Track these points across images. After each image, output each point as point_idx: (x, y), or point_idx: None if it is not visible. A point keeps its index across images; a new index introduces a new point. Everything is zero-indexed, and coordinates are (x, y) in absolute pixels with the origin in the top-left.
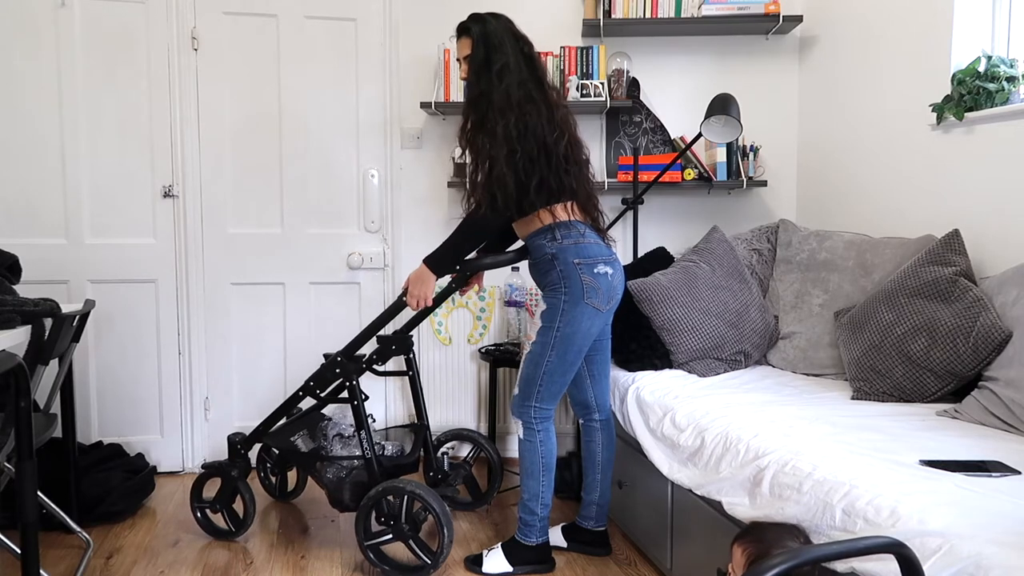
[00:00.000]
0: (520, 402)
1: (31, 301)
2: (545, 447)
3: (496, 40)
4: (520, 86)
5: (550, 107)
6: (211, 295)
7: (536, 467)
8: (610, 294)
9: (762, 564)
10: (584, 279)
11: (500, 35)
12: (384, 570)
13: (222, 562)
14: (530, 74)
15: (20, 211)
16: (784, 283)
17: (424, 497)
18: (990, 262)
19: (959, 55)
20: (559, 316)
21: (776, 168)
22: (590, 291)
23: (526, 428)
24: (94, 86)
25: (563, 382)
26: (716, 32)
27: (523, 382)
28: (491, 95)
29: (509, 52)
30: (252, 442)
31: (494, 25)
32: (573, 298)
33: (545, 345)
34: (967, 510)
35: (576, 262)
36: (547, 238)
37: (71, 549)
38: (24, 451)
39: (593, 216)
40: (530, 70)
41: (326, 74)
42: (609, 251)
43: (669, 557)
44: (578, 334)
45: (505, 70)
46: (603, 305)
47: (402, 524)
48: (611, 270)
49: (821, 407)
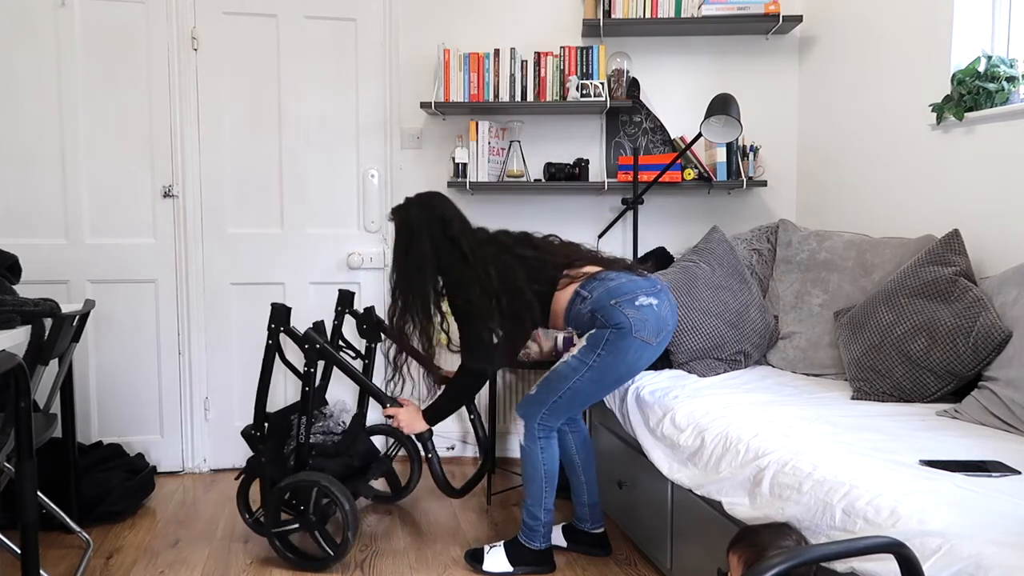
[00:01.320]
0: (529, 404)
1: (31, 301)
2: (546, 455)
3: (415, 230)
4: (455, 263)
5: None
6: (211, 295)
7: (538, 474)
8: (659, 326)
9: (762, 564)
10: (628, 313)
11: (418, 225)
12: (288, 558)
13: (222, 562)
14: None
15: (20, 211)
16: (784, 283)
17: (331, 490)
18: (990, 262)
19: (959, 55)
20: (603, 343)
21: (776, 168)
22: (638, 324)
23: (528, 434)
24: (94, 86)
25: (582, 404)
26: (716, 32)
27: (543, 389)
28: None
29: (426, 240)
30: (260, 421)
31: (415, 214)
32: (622, 331)
33: (582, 364)
34: (967, 510)
35: (613, 303)
36: (580, 302)
37: (71, 549)
38: (24, 451)
39: (619, 263)
40: (454, 245)
41: (326, 74)
42: (650, 283)
43: (669, 557)
44: (620, 365)
45: (426, 257)
46: (653, 338)
47: (309, 515)
48: (656, 300)
49: (821, 407)
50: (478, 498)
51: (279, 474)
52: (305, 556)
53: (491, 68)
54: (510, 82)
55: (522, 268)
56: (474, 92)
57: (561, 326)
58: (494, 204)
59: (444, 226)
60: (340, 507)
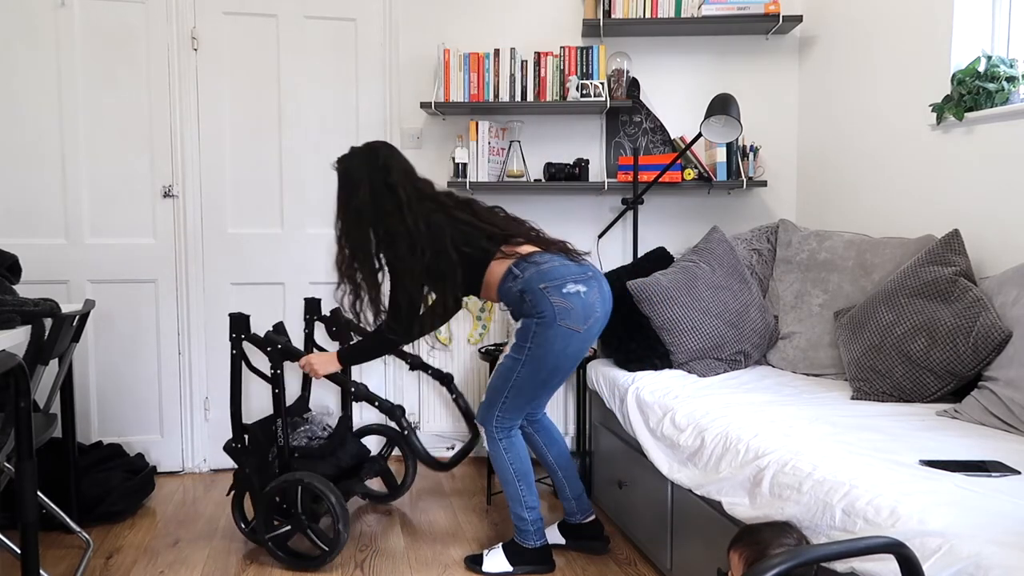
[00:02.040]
0: (484, 410)
1: (31, 301)
2: (511, 454)
3: (355, 178)
4: (389, 214)
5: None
6: (211, 295)
7: (508, 474)
8: (586, 313)
9: (762, 563)
10: (554, 300)
11: (359, 174)
12: (286, 561)
13: (222, 562)
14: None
15: (20, 211)
16: (784, 283)
17: (314, 485)
18: (990, 262)
19: (959, 55)
20: (531, 337)
21: (776, 168)
22: (562, 312)
23: (489, 438)
24: (94, 86)
25: (529, 398)
26: (716, 32)
27: (490, 391)
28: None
29: (365, 188)
30: (238, 432)
31: (356, 163)
32: (545, 321)
33: (516, 361)
34: (967, 510)
35: (542, 287)
36: (511, 279)
37: (71, 549)
38: (24, 451)
39: (556, 245)
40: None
41: (326, 74)
42: (581, 269)
43: (669, 557)
44: (550, 354)
45: (364, 206)
46: (579, 325)
47: (299, 515)
48: (584, 288)
49: (821, 407)
50: (478, 498)
51: (265, 481)
52: (301, 557)
53: (491, 68)
54: (510, 82)
55: (454, 230)
56: (474, 92)
57: (494, 298)
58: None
59: (385, 174)
60: (327, 501)
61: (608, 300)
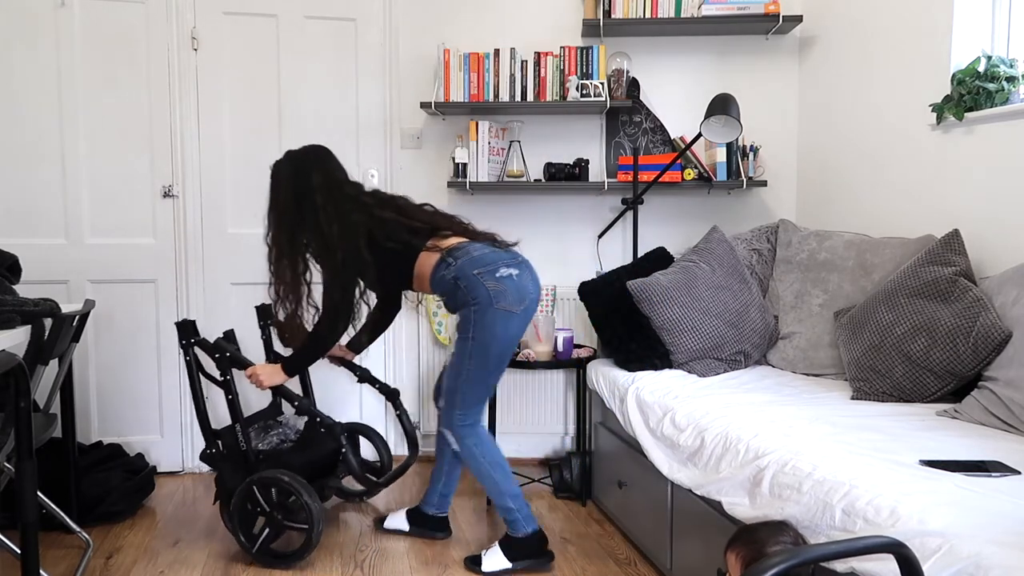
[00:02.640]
0: (446, 414)
1: (31, 301)
2: (480, 448)
3: (281, 182)
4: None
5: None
6: (211, 295)
7: (483, 468)
8: (521, 295)
9: (761, 563)
10: (488, 285)
11: (284, 178)
12: (280, 565)
13: (222, 562)
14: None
15: (20, 211)
16: (784, 283)
17: (268, 478)
18: (990, 262)
19: (959, 55)
20: (471, 325)
21: (776, 168)
22: (497, 295)
23: (457, 440)
24: (94, 86)
25: (485, 387)
26: (716, 32)
27: (447, 393)
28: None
29: (289, 191)
30: (210, 439)
31: (285, 166)
32: (481, 306)
33: (462, 355)
34: (967, 510)
35: (476, 272)
36: (444, 268)
37: (71, 549)
38: (24, 451)
39: (484, 235)
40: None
41: (326, 74)
42: (511, 255)
43: (669, 557)
44: (492, 339)
45: (288, 209)
46: (515, 307)
47: (272, 513)
48: (516, 271)
49: (821, 407)
50: (478, 498)
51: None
52: (293, 553)
53: (491, 68)
54: (510, 82)
55: (377, 227)
56: (474, 92)
57: (427, 290)
58: (494, 204)
59: (306, 179)
60: (282, 483)
61: (538, 283)
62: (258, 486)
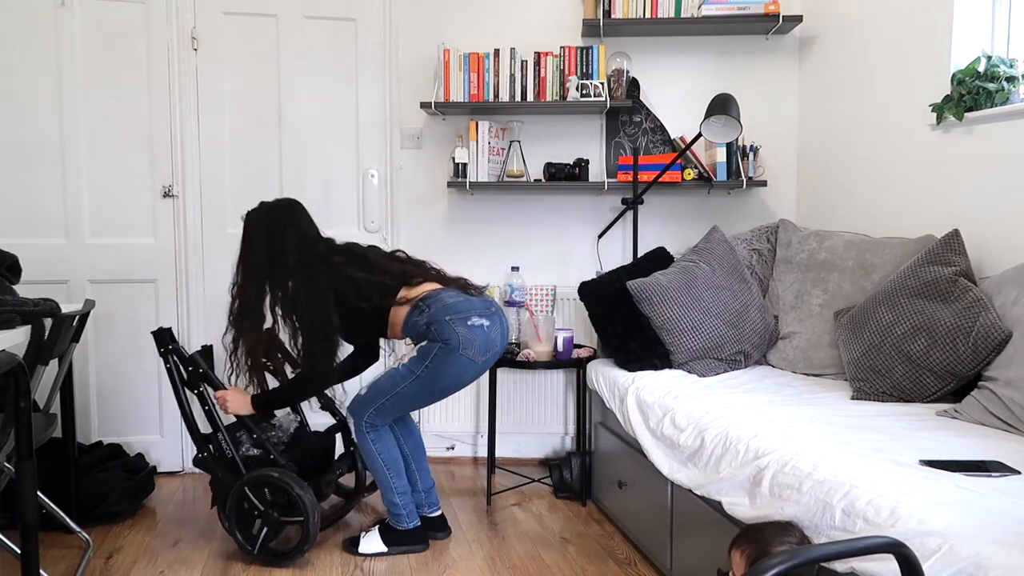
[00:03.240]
0: (359, 404)
1: (31, 301)
2: (379, 445)
3: (254, 237)
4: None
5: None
6: (211, 295)
7: (378, 463)
8: (487, 346)
9: (762, 563)
10: (459, 331)
11: (258, 233)
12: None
13: (222, 562)
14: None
15: (20, 211)
16: (784, 283)
17: (257, 477)
18: (990, 262)
19: (959, 55)
20: (431, 358)
21: (776, 168)
22: (466, 343)
23: (357, 430)
24: (94, 86)
25: (406, 408)
26: (716, 32)
27: (373, 389)
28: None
29: (262, 248)
30: (201, 444)
31: (258, 220)
32: (449, 347)
33: (410, 374)
34: (967, 510)
35: (448, 318)
36: (417, 314)
37: (71, 549)
38: (24, 451)
39: (456, 281)
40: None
41: (326, 74)
42: (485, 304)
43: (669, 557)
44: (445, 377)
45: (259, 265)
46: (479, 356)
47: (267, 512)
48: (487, 322)
49: (821, 407)
50: (478, 498)
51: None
52: (293, 550)
53: (491, 68)
54: (510, 82)
55: (348, 288)
56: (474, 92)
57: (399, 336)
58: (494, 204)
59: (281, 237)
60: (272, 480)
61: (506, 336)
62: (250, 486)
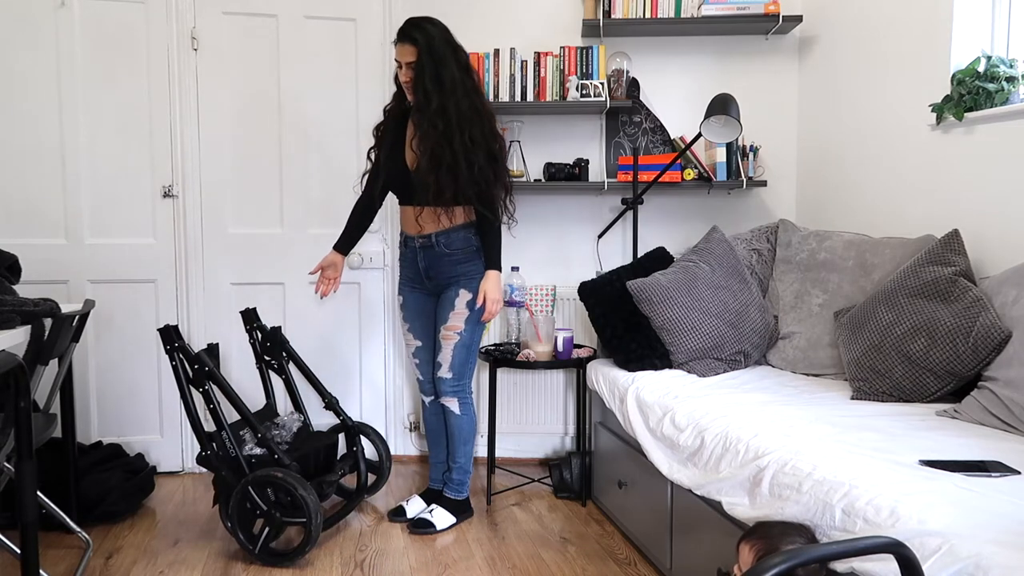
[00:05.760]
0: (455, 382)
1: (31, 301)
2: (474, 417)
3: (440, 53)
4: (466, 97)
5: (490, 117)
6: (211, 295)
7: (472, 434)
8: None
9: (762, 563)
10: None
11: (442, 48)
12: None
13: (222, 562)
14: (473, 85)
15: (20, 211)
16: (784, 283)
17: (261, 477)
18: (990, 262)
19: (959, 55)
20: (476, 299)
21: (776, 168)
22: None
23: (463, 404)
24: (94, 86)
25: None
26: (716, 32)
27: (458, 366)
28: (446, 109)
29: (452, 66)
30: (205, 441)
31: (436, 35)
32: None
33: (474, 331)
34: (967, 510)
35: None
36: (472, 232)
37: (71, 549)
38: (24, 451)
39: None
40: (471, 81)
41: (326, 74)
42: None
43: (669, 557)
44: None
45: (454, 84)
46: None
47: (270, 512)
48: None
49: (821, 407)
50: (478, 498)
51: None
52: (294, 550)
53: (491, 68)
54: (510, 82)
55: (484, 165)
56: None
57: (448, 223)
58: None
59: (458, 53)
60: (276, 480)
61: None
62: (253, 486)
